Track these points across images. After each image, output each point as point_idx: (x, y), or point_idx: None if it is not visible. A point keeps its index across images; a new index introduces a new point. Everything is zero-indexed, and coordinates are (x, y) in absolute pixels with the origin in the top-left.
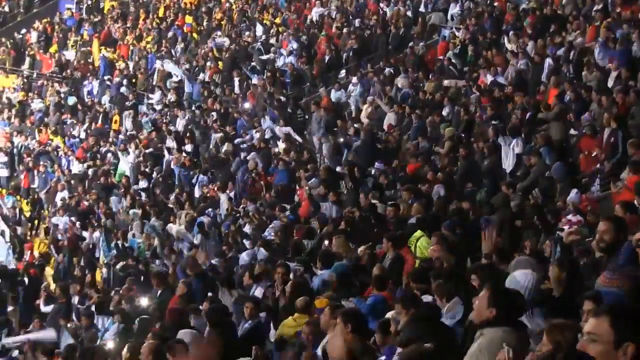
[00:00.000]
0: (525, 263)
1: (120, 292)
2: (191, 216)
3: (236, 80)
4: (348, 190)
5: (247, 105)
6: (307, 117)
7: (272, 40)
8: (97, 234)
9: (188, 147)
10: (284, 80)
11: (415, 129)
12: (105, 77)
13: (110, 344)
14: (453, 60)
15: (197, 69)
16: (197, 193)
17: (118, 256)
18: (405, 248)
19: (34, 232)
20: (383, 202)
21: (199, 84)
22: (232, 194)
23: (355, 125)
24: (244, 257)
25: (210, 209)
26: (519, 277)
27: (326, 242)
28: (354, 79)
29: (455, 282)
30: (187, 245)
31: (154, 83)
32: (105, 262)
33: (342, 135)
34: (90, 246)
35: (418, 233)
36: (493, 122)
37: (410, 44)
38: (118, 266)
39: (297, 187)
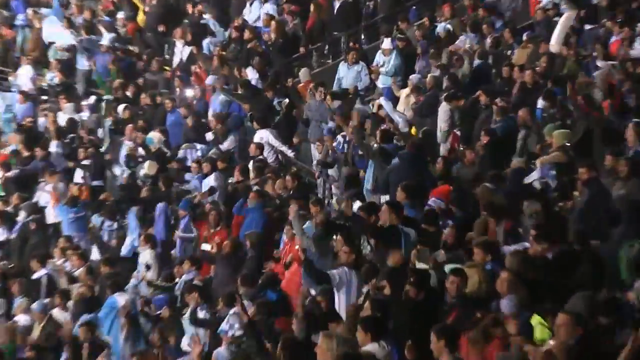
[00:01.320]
0: None
1: None
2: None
3: (179, 45)
4: (374, 249)
5: (189, 92)
6: (296, 110)
7: None
8: None
9: (79, 175)
10: (259, 48)
11: (502, 129)
12: None
13: None
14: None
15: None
16: (95, 255)
17: None
18: None
19: None
20: (440, 270)
21: (106, 53)
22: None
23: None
24: None
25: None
26: None
27: None
28: (387, 42)
29: None
30: None
31: (16, 54)
32: None
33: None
34: None
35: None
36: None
37: None
38: None
39: (283, 239)
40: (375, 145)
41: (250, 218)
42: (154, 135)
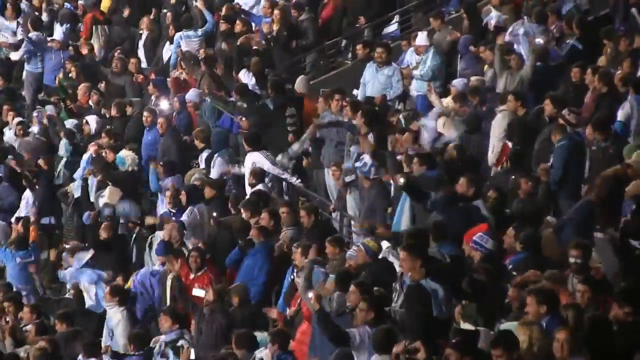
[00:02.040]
0: None
1: None
2: None
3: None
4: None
5: (164, 104)
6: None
7: None
8: None
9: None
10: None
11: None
12: None
13: None
14: None
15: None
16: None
17: None
18: None
19: None
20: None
21: (57, 50)
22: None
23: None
24: None
25: None
26: None
27: None
28: (421, 37)
29: None
30: None
31: None
32: None
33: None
34: None
35: None
36: None
37: None
38: None
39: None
40: (402, 180)
41: (252, 263)
42: (126, 155)
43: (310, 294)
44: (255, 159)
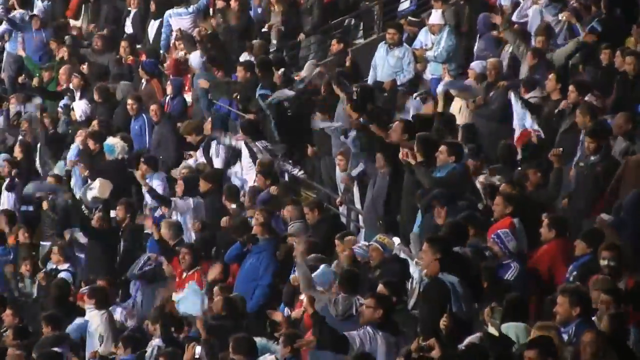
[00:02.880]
0: None
1: None
2: None
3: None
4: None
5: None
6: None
7: None
8: None
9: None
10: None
11: None
12: None
13: None
14: None
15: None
16: None
17: None
18: None
19: None
20: None
21: (37, 30)
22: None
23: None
24: None
25: None
26: None
27: None
28: (435, 16)
29: None
30: None
31: None
32: None
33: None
34: None
35: None
36: None
37: None
38: None
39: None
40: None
41: (256, 262)
42: (115, 142)
43: (303, 296)
44: (255, 149)
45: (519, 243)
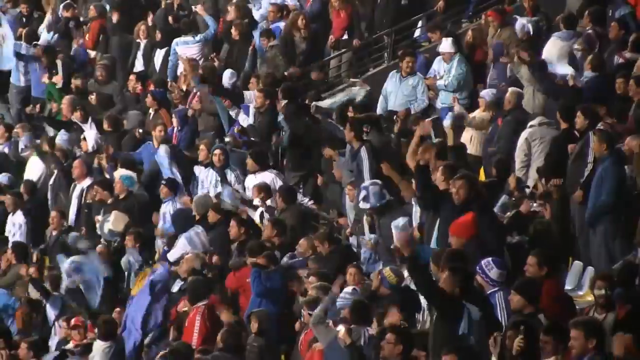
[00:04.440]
0: None
1: None
2: None
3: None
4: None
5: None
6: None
7: None
8: None
9: None
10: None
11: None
12: None
13: None
14: None
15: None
16: None
17: None
18: None
19: None
20: None
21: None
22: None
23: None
24: None
25: None
26: None
27: None
28: (446, 44)
29: None
30: None
31: None
32: None
33: None
34: None
35: None
36: None
37: None
38: None
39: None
40: None
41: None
42: (131, 174)
43: (341, 327)
44: (266, 179)
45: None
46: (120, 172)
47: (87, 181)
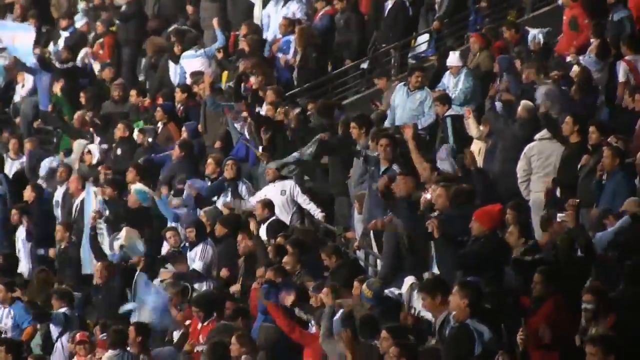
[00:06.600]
0: None
1: None
2: None
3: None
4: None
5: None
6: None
7: None
8: None
9: None
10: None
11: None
12: None
13: None
14: None
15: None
16: None
17: None
18: None
19: None
20: None
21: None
22: None
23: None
24: None
25: None
26: None
27: None
28: (453, 58)
29: None
30: None
31: None
32: None
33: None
34: None
35: None
36: None
37: None
38: None
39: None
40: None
41: None
42: (144, 188)
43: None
44: (285, 188)
45: None
46: (135, 187)
47: (83, 195)
